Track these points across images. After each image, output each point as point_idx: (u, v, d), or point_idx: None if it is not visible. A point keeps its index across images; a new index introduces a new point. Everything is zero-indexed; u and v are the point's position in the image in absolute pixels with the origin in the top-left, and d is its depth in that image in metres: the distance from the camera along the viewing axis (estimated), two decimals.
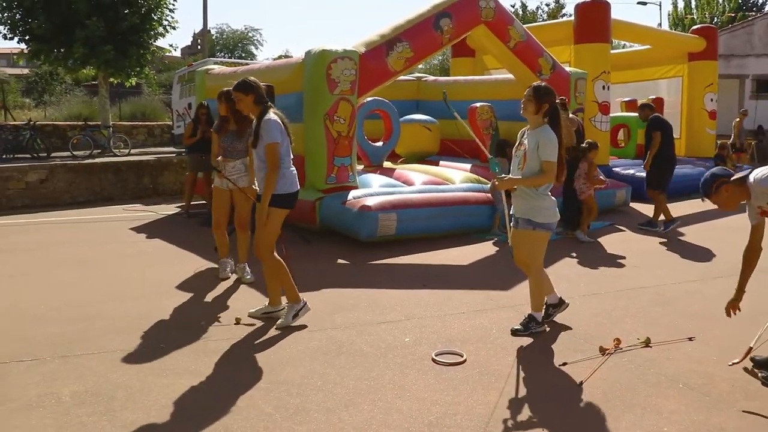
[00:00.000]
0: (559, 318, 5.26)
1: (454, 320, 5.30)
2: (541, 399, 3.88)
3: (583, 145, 8.72)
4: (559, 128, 4.78)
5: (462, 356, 4.47)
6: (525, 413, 3.70)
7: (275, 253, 5.19)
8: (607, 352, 4.51)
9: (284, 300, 5.31)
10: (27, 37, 17.93)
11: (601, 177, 8.92)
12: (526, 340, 4.84)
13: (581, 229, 8.61)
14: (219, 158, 6.51)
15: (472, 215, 8.77)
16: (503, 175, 4.95)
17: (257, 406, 3.75)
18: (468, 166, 10.68)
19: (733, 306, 4.39)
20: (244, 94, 5.02)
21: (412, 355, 4.54)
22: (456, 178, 9.53)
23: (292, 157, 5.18)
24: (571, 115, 8.55)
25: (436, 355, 4.48)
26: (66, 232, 9.75)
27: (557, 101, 4.89)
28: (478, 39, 10.56)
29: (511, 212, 5.01)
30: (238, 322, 5.25)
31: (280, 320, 5.16)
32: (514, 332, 4.95)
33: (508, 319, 5.25)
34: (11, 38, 18.03)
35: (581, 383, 4.05)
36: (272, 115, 5.01)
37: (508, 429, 3.53)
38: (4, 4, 17.53)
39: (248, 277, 6.58)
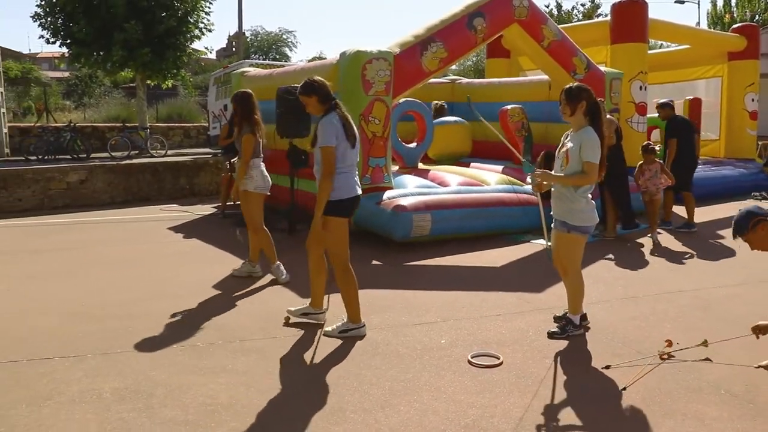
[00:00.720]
0: (597, 321, 5.20)
1: (490, 322, 5.28)
2: (578, 403, 3.84)
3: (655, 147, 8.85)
4: (600, 126, 4.75)
5: (498, 358, 4.45)
6: (562, 417, 3.67)
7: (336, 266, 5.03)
8: (666, 355, 4.44)
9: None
10: (68, 41, 18.33)
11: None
12: (563, 344, 4.79)
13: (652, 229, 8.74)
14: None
15: (506, 217, 8.71)
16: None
17: (294, 406, 3.78)
18: (500, 167, 10.62)
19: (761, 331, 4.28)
20: (307, 96, 4.86)
21: (448, 356, 4.53)
22: (491, 179, 9.48)
23: (357, 160, 4.97)
24: (608, 116, 8.46)
25: (472, 357, 4.47)
26: (105, 231, 9.93)
27: (601, 101, 4.86)
28: (512, 39, 10.49)
29: (551, 213, 4.97)
30: (287, 321, 5.29)
31: (329, 328, 5.06)
32: (551, 335, 4.91)
33: (544, 322, 5.22)
34: (53, 42, 18.47)
35: (624, 389, 4.00)
36: (333, 115, 4.78)
37: None
38: (47, 10, 17.92)
39: (283, 277, 6.63)
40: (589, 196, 4.79)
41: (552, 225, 4.99)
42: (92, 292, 6.32)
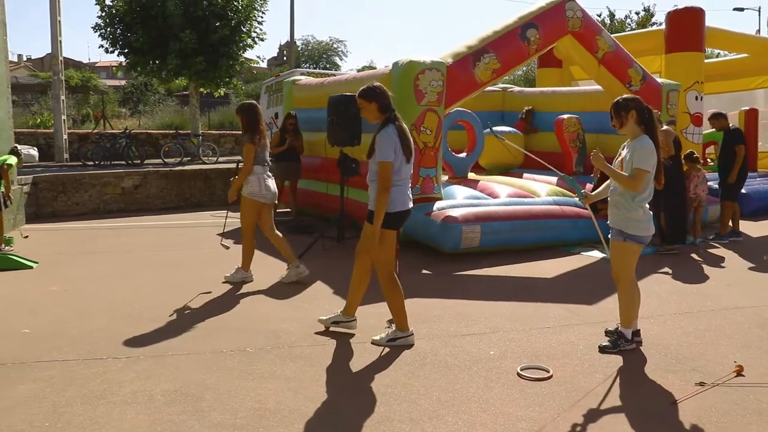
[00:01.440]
0: (649, 336, 5.08)
1: (540, 335, 5.21)
2: (630, 419, 3.75)
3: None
4: (655, 133, 4.69)
5: (548, 372, 4.39)
6: None
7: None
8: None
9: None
10: (126, 51, 18.83)
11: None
12: (615, 358, 4.70)
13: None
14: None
15: (557, 229, 8.60)
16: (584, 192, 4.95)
17: (341, 413, 3.79)
18: (553, 179, 10.50)
19: None
20: (367, 101, 4.81)
21: (496, 368, 4.49)
22: (541, 190, 9.38)
23: (411, 173, 4.92)
24: (665, 126, 8.30)
25: (521, 370, 4.41)
26: (157, 236, 10.13)
27: (653, 110, 4.80)
28: (565, 49, 10.39)
29: (607, 222, 4.89)
30: (327, 329, 5.32)
31: (377, 336, 5.02)
32: (602, 349, 4.82)
33: (594, 336, 5.13)
34: (112, 52, 19.01)
35: (674, 402, 3.91)
36: (392, 128, 4.71)
37: None
38: (108, 21, 18.46)
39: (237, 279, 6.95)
40: (647, 206, 4.71)
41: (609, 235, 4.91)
42: (144, 295, 6.46)
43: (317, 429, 3.60)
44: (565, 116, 11.00)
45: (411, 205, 4.97)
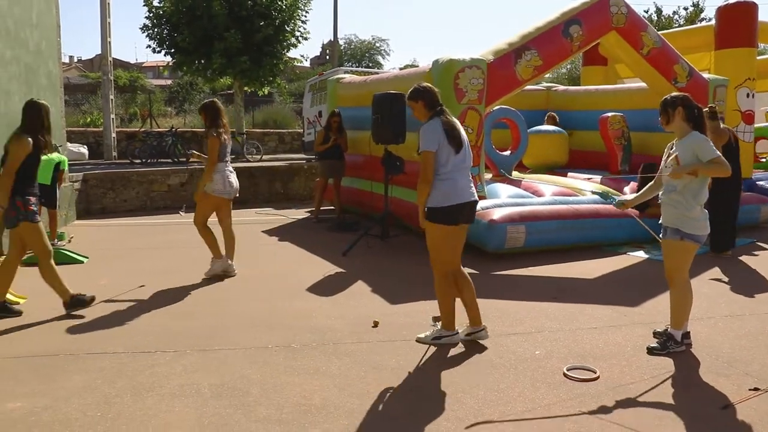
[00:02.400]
0: (699, 339, 4.98)
1: (586, 335, 5.15)
2: (680, 423, 3.68)
3: None
4: (704, 130, 4.62)
5: (595, 372, 4.33)
6: None
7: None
8: None
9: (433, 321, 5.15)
10: (172, 50, 19.15)
11: None
12: (664, 360, 4.61)
13: None
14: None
15: (602, 228, 8.47)
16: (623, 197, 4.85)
17: (386, 411, 3.80)
18: (598, 177, 10.37)
19: None
20: (414, 101, 4.82)
21: (542, 368, 4.45)
22: (586, 189, 9.26)
23: (468, 164, 4.79)
24: (723, 125, 8.05)
25: (567, 370, 4.37)
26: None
27: (702, 108, 4.70)
28: (610, 46, 10.22)
29: (659, 222, 4.80)
30: (376, 325, 5.34)
31: (422, 334, 4.97)
32: (651, 351, 4.74)
33: (642, 337, 5.04)
34: (159, 52, 19.34)
35: (726, 407, 3.83)
36: (436, 121, 4.69)
37: None
38: (155, 21, 18.80)
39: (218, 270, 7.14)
40: (702, 205, 4.63)
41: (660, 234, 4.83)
42: (191, 291, 6.57)
43: (363, 426, 3.61)
44: (610, 114, 10.84)
45: (470, 198, 4.75)
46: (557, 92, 13.60)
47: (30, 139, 5.65)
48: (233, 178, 7.20)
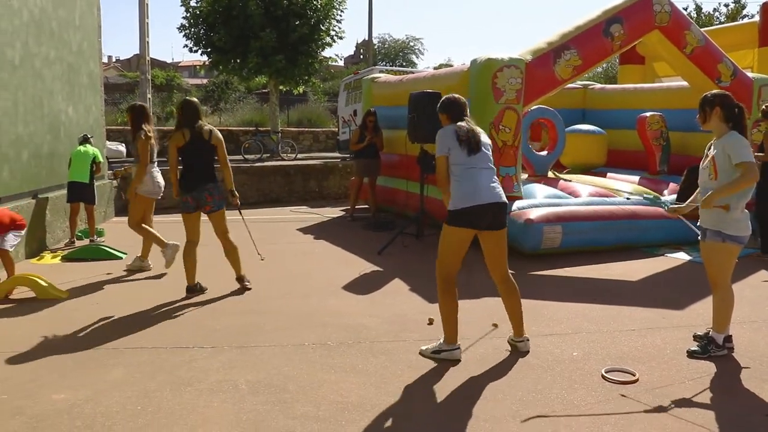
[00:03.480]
0: (741, 343, 4.88)
1: (624, 337, 5.08)
2: (722, 429, 3.61)
3: None
4: (744, 131, 4.51)
5: (634, 375, 4.27)
6: None
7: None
8: None
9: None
10: (209, 50, 19.36)
11: None
12: (705, 364, 4.53)
13: None
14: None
15: (640, 229, 8.36)
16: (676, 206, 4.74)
17: (423, 410, 3.79)
18: (636, 178, 10.23)
19: None
20: (440, 113, 4.77)
21: (580, 370, 4.40)
22: (624, 190, 9.15)
23: (483, 166, 4.57)
24: None
25: (606, 372, 4.31)
26: (238, 230, 10.32)
27: (743, 107, 4.60)
28: (651, 45, 10.07)
29: (698, 224, 4.72)
30: (431, 322, 5.33)
31: (425, 346, 4.71)
32: (691, 354, 4.66)
33: (683, 340, 4.96)
34: (196, 51, 19.57)
35: None
36: (449, 126, 4.61)
37: None
38: (192, 21, 19.03)
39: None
40: (744, 205, 4.53)
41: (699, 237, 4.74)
42: (227, 288, 6.63)
43: (400, 425, 3.61)
44: (648, 114, 10.68)
45: (492, 200, 4.52)
46: (594, 90, 13.44)
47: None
48: (160, 178, 7.53)
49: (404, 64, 51.03)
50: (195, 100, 6.57)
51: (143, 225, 7.46)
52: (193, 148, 6.25)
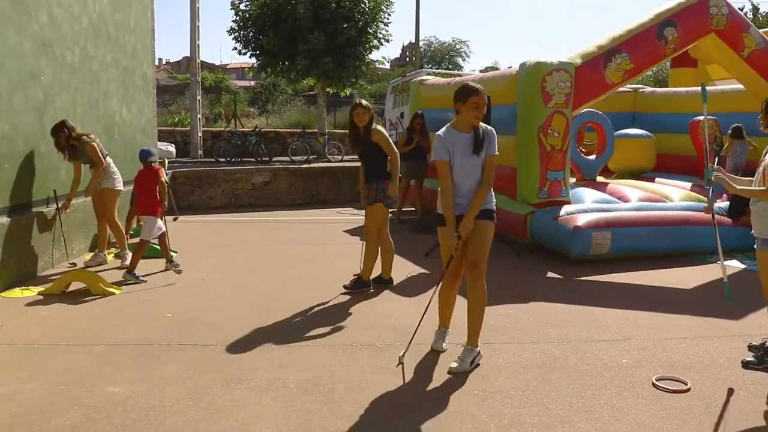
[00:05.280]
0: None
1: (676, 345, 4.99)
2: None
3: None
4: None
5: (686, 384, 4.19)
6: None
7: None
8: None
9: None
10: (257, 52, 19.61)
11: None
12: (761, 376, 4.41)
13: None
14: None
15: (692, 236, 8.17)
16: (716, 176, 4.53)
17: (471, 413, 3.78)
18: (688, 184, 10.02)
19: None
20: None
21: (630, 377, 4.34)
22: (675, 195, 8.98)
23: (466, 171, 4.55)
24: None
25: (656, 380, 4.24)
26: (287, 230, 10.49)
27: None
28: (706, 49, 9.87)
29: (751, 232, 4.61)
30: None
31: (454, 364, 4.45)
32: (746, 365, 4.55)
33: (737, 350, 4.84)
34: (245, 54, 19.85)
35: None
36: (444, 128, 4.64)
37: None
38: (241, 24, 19.31)
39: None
40: None
41: (755, 245, 4.62)
42: (276, 287, 6.72)
43: (448, 427, 3.61)
44: (701, 118, 10.46)
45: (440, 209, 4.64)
46: (644, 94, 13.24)
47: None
48: (118, 173, 7.96)
49: (450, 66, 50.93)
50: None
51: (116, 221, 7.86)
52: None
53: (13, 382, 4.15)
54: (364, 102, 6.52)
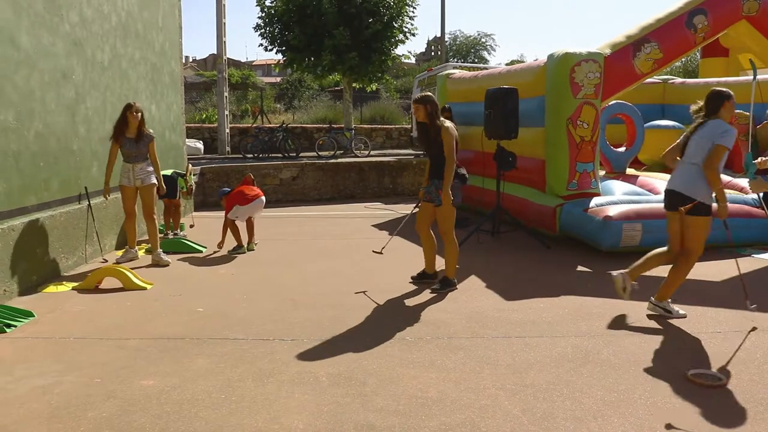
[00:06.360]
0: None
1: (709, 339, 4.92)
2: None
3: None
4: None
5: (721, 379, 4.13)
6: None
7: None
8: None
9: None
10: (283, 48, 19.67)
11: None
12: None
13: None
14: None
15: (724, 228, 8.02)
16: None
17: (503, 407, 3.76)
18: (727, 179, 9.84)
19: None
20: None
21: (664, 371, 4.28)
22: None
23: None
24: None
25: (691, 375, 4.18)
26: (315, 225, 10.53)
27: None
28: (737, 36, 9.70)
29: None
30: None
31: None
32: None
33: None
34: (271, 50, 19.90)
35: None
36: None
37: None
38: (267, 21, 19.39)
39: (165, 258, 7.67)
40: None
41: None
42: (305, 281, 6.74)
43: (480, 421, 3.59)
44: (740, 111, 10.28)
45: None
46: (674, 85, 13.04)
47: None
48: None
49: (476, 60, 50.66)
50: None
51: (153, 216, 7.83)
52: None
53: (50, 375, 4.23)
54: (419, 95, 6.33)
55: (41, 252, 6.59)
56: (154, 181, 7.79)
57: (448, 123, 6.19)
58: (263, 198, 8.49)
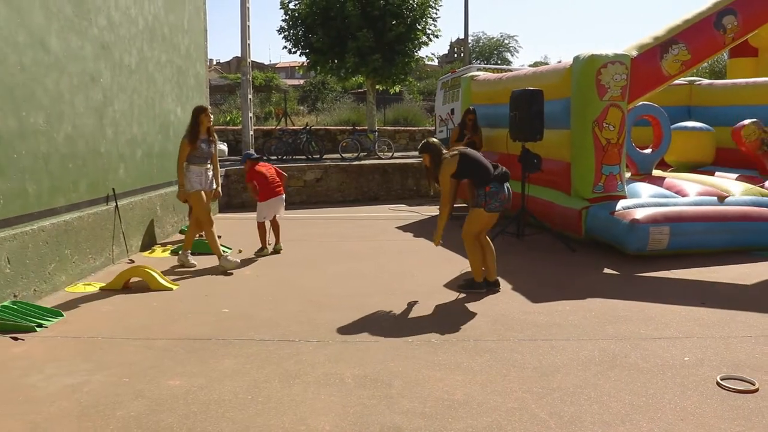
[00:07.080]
0: None
1: (740, 344, 4.85)
2: None
3: None
4: None
5: (753, 384, 4.06)
6: None
7: None
8: None
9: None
10: (307, 51, 19.76)
11: None
12: None
13: None
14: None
15: (754, 232, 7.92)
16: None
17: (530, 410, 3.74)
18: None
19: None
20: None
21: (693, 376, 4.23)
22: (735, 189, 8.71)
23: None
24: None
25: (721, 380, 4.13)
26: (339, 227, 10.55)
27: None
28: (766, 37, 9.56)
29: None
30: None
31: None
32: None
33: None
34: (294, 52, 20.02)
35: None
36: None
37: None
38: (291, 23, 19.49)
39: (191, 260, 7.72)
40: None
41: None
42: (330, 283, 6.76)
43: (507, 423, 3.58)
44: (742, 123, 10.19)
45: None
46: (701, 86, 12.88)
47: None
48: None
49: (499, 62, 50.51)
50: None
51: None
52: None
53: (79, 374, 4.28)
54: (420, 145, 6.55)
55: (70, 252, 6.68)
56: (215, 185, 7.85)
57: (446, 156, 6.22)
58: (283, 196, 8.54)
